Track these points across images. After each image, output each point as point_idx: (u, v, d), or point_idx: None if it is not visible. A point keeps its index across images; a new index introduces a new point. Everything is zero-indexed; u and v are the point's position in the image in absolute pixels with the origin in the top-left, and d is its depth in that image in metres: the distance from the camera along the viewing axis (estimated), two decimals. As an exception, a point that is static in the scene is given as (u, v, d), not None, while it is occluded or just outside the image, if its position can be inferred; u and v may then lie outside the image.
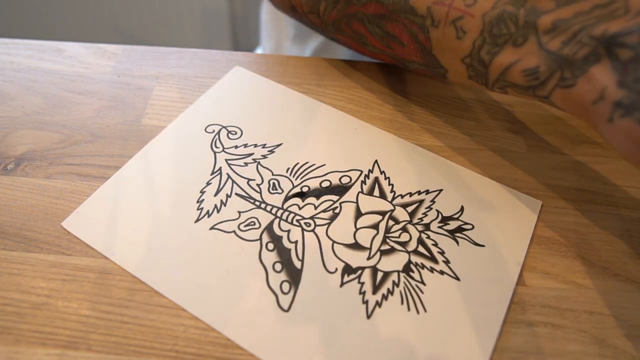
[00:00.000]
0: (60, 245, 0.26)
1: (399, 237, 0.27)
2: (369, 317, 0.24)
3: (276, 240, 0.27)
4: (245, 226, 0.27)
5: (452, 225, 0.28)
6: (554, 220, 0.29)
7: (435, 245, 0.27)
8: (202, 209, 0.28)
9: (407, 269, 0.26)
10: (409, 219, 0.28)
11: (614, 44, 0.22)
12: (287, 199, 0.28)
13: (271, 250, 0.26)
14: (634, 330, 0.25)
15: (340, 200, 0.29)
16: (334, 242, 0.27)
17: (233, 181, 0.29)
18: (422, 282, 0.25)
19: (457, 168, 0.31)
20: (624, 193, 0.31)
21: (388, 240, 0.27)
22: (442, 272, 0.26)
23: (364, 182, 0.30)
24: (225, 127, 0.32)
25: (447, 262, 0.26)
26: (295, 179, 0.30)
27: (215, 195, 0.28)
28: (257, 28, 0.63)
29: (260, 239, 0.27)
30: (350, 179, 0.30)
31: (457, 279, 0.26)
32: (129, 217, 0.27)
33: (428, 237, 0.27)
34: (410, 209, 0.29)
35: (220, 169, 0.30)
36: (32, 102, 0.33)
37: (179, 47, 0.38)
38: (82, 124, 0.32)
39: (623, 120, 0.21)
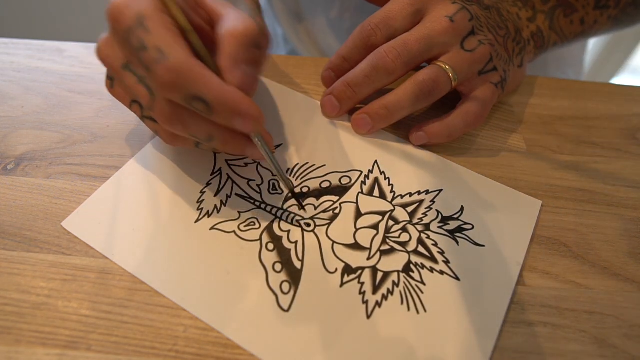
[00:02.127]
0: (60, 245, 0.26)
1: (399, 237, 0.27)
2: (369, 317, 0.24)
3: (276, 240, 0.27)
4: (245, 226, 0.27)
5: (452, 225, 0.28)
6: (554, 220, 0.29)
7: (435, 245, 0.27)
8: (202, 209, 0.28)
9: (407, 269, 0.26)
10: (409, 219, 0.28)
11: None
12: (287, 199, 0.28)
13: (271, 251, 0.26)
14: (634, 330, 0.25)
15: (340, 201, 0.29)
16: (334, 242, 0.27)
17: (233, 181, 0.29)
18: (422, 282, 0.25)
19: (457, 168, 0.31)
20: (624, 193, 0.31)
21: (388, 241, 0.27)
22: (442, 272, 0.26)
23: (363, 182, 0.30)
24: (225, 127, 0.32)
25: (447, 262, 0.26)
26: (296, 180, 0.29)
27: (216, 195, 0.28)
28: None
29: (260, 239, 0.27)
30: (350, 180, 0.30)
31: (457, 279, 0.26)
32: (129, 217, 0.27)
33: (428, 237, 0.27)
34: (410, 209, 0.29)
35: (220, 169, 0.30)
36: (32, 102, 0.33)
37: (179, 47, 0.38)
38: (82, 124, 0.32)
39: None
